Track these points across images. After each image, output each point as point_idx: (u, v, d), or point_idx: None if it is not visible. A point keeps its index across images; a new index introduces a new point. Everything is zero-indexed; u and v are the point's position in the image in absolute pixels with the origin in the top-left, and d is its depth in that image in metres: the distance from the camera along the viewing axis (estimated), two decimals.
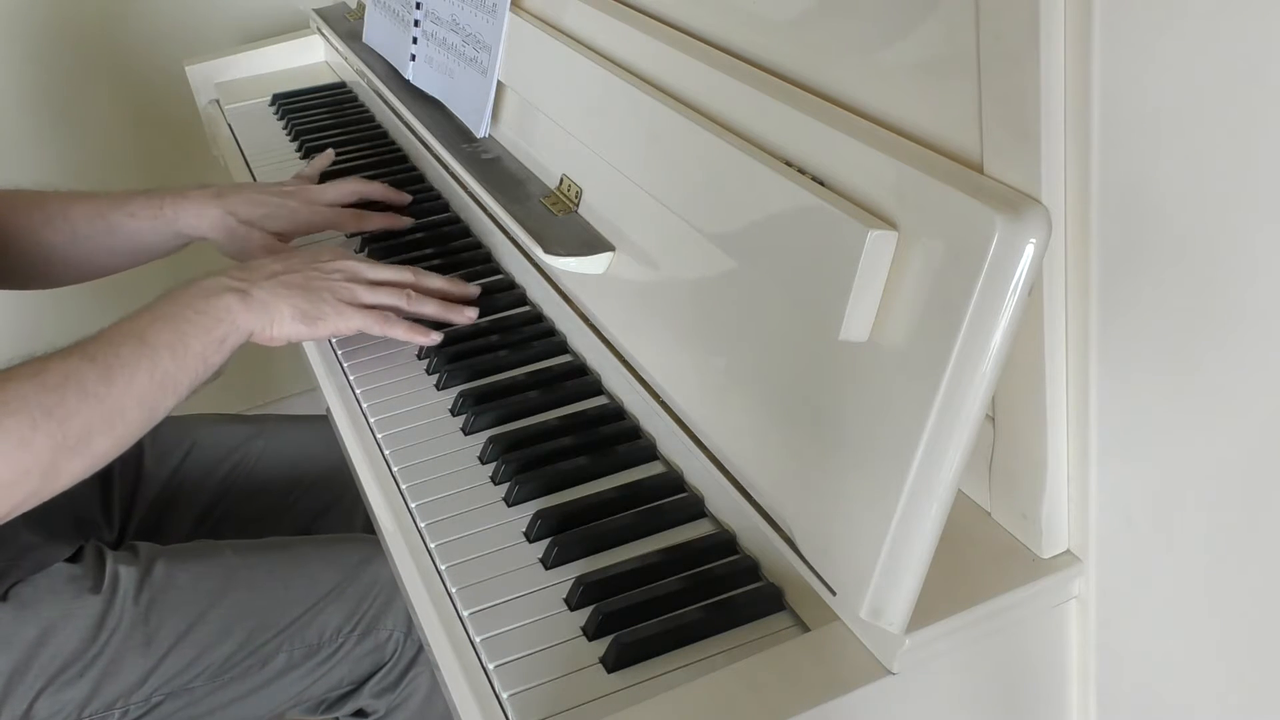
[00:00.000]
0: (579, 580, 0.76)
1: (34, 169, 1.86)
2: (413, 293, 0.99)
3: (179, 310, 0.88)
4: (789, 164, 0.69)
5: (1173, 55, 0.51)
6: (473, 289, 1.05)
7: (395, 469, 0.90)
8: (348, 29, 1.52)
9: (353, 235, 1.22)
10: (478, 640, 0.73)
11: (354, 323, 0.95)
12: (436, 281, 1.03)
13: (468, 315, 1.02)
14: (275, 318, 0.92)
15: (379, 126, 1.50)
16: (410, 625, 1.04)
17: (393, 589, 1.03)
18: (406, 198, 1.25)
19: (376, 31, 1.39)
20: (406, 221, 1.22)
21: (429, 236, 1.22)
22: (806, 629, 0.70)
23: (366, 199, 1.22)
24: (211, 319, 0.88)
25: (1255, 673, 0.60)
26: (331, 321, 0.94)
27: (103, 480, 1.13)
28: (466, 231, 1.22)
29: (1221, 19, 0.49)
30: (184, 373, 0.86)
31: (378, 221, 1.20)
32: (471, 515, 0.84)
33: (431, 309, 1.00)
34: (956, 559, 0.67)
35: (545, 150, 1.03)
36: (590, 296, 0.92)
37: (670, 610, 0.72)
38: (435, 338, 0.99)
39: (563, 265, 0.90)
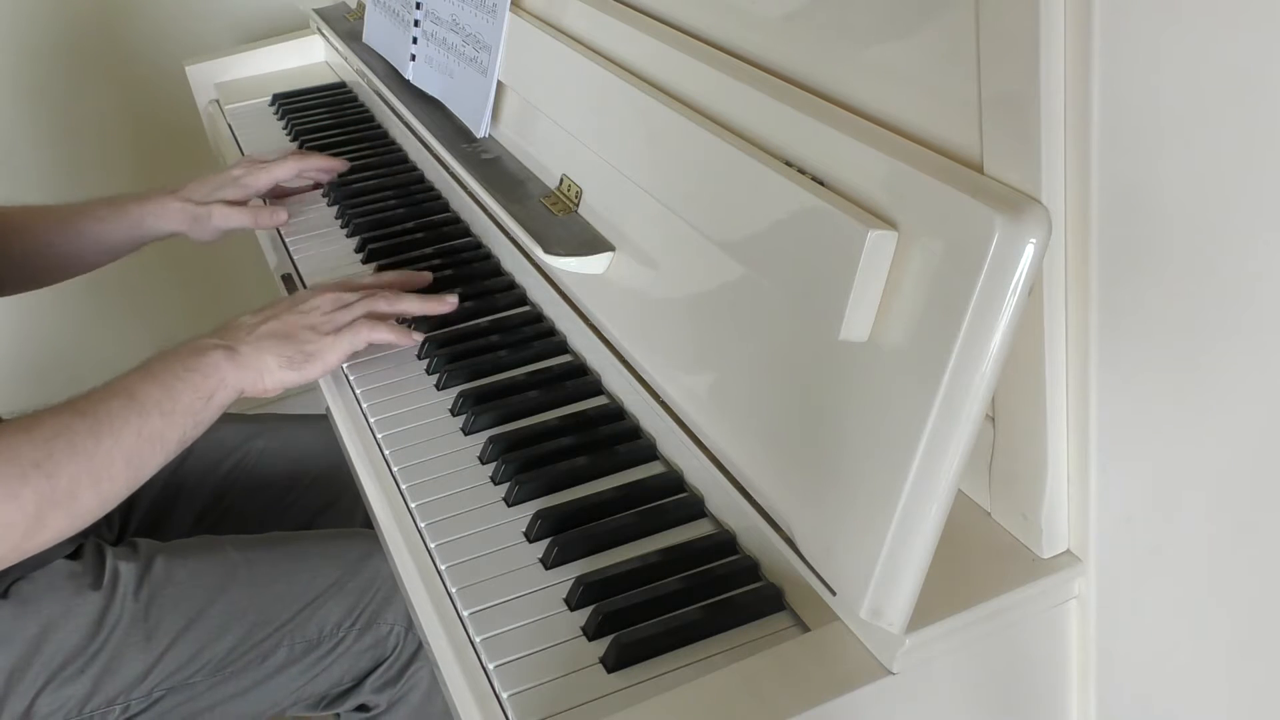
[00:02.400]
0: (579, 580, 0.76)
1: (34, 169, 1.86)
2: (388, 293, 1.01)
3: (168, 367, 0.89)
4: (789, 164, 0.69)
5: (1173, 55, 0.51)
6: (450, 298, 1.06)
7: (395, 469, 0.90)
8: (348, 29, 1.52)
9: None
10: (478, 640, 0.73)
11: (341, 348, 0.96)
12: (412, 297, 1.04)
13: (449, 302, 1.04)
14: (263, 370, 0.92)
15: (379, 126, 1.50)
16: (411, 620, 1.04)
17: (393, 584, 1.03)
18: (344, 164, 1.34)
19: (376, 31, 1.39)
20: (343, 165, 1.33)
21: (429, 236, 1.22)
22: (806, 629, 0.70)
23: (305, 163, 1.31)
24: (200, 375, 0.89)
25: (1256, 672, 0.60)
26: (319, 359, 0.95)
27: None
28: (467, 231, 1.22)
29: (1221, 19, 0.49)
30: (172, 429, 0.87)
31: (316, 163, 1.31)
32: (471, 515, 0.84)
33: (413, 304, 1.02)
34: (956, 559, 0.67)
35: (545, 150, 1.03)
36: (590, 296, 0.92)
37: (670, 610, 0.73)
38: (417, 337, 1.02)
39: (563, 265, 0.90)
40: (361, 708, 1.08)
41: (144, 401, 0.86)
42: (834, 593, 0.66)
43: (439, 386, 0.98)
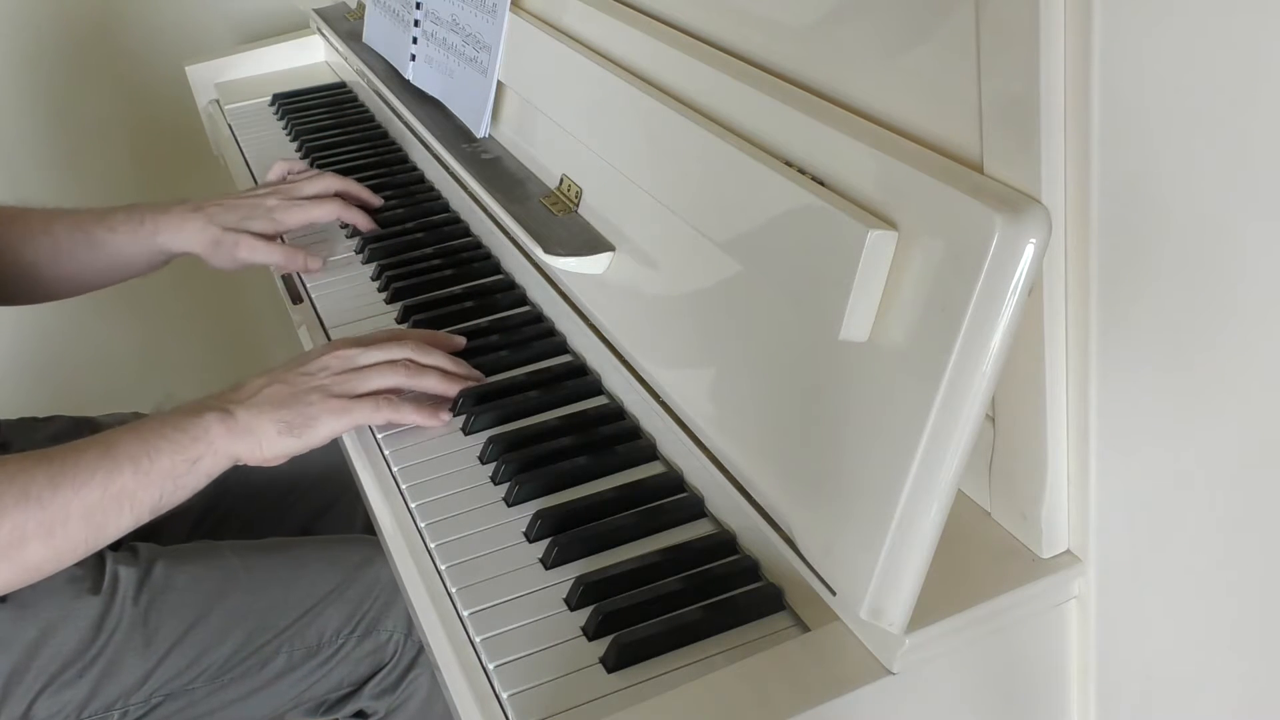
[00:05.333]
0: (579, 580, 0.76)
1: (34, 170, 1.86)
2: (412, 364, 0.93)
3: (155, 426, 0.84)
4: (789, 164, 0.69)
5: (1172, 54, 0.51)
6: (475, 374, 0.98)
7: (395, 469, 0.90)
8: (348, 29, 1.52)
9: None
10: (478, 640, 0.73)
11: (349, 419, 0.89)
12: (436, 357, 0.96)
13: (477, 376, 0.98)
14: (261, 438, 0.86)
15: (379, 126, 1.50)
16: (410, 626, 1.04)
17: (393, 590, 1.03)
18: (379, 200, 1.26)
19: (376, 31, 1.39)
20: (374, 227, 1.22)
21: (429, 236, 1.22)
22: (806, 629, 0.70)
23: (343, 194, 1.23)
24: (188, 438, 0.84)
25: (1256, 672, 0.60)
26: (323, 425, 0.88)
27: None
28: (466, 231, 1.22)
29: (1220, 18, 0.49)
30: (146, 490, 0.82)
31: (356, 217, 1.21)
32: (471, 515, 0.84)
33: (433, 382, 0.94)
34: (956, 559, 0.67)
35: (545, 150, 1.03)
36: (590, 296, 0.92)
37: (670, 610, 0.72)
38: (445, 417, 0.93)
39: (563, 265, 0.90)
40: (360, 714, 1.08)
41: (118, 456, 0.81)
42: (834, 593, 0.65)
43: None
